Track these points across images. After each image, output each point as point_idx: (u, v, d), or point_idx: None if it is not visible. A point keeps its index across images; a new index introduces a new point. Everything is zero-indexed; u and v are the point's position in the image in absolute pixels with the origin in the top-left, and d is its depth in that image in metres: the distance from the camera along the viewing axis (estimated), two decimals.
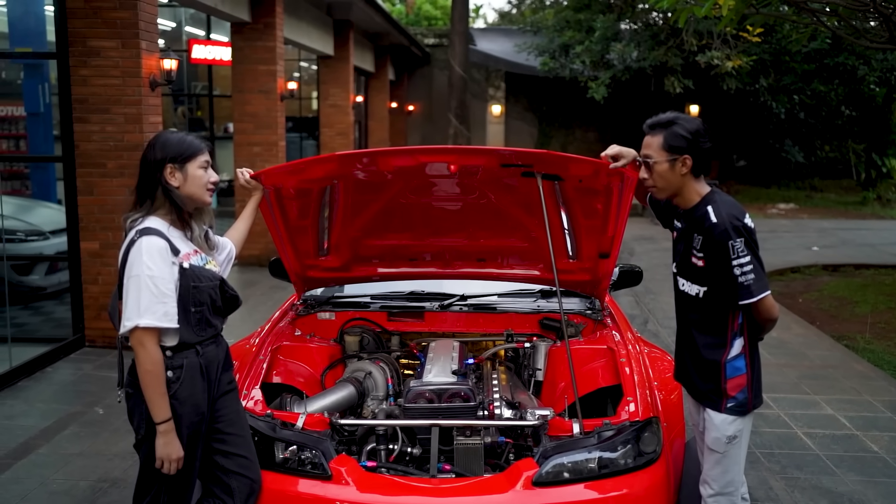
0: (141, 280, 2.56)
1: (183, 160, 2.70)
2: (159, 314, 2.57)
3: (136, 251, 2.59)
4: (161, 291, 2.58)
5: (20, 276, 7.40)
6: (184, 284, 2.65)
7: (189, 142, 2.74)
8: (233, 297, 2.84)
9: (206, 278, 2.73)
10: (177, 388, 2.66)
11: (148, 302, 2.56)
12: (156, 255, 2.59)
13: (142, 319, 2.55)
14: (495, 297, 4.39)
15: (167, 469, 2.67)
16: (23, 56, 8.11)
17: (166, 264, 2.61)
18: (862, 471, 4.46)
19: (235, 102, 10.46)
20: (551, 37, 18.93)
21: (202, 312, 2.72)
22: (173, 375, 2.66)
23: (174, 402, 2.66)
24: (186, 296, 2.66)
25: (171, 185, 2.69)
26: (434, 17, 34.33)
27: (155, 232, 2.63)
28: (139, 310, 2.55)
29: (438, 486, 2.92)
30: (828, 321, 8.18)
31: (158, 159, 2.69)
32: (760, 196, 20.13)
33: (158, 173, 2.68)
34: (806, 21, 8.61)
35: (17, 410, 5.24)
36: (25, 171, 10.21)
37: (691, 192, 2.92)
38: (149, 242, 2.59)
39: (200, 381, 2.73)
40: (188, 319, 2.67)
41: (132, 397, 2.72)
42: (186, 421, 2.69)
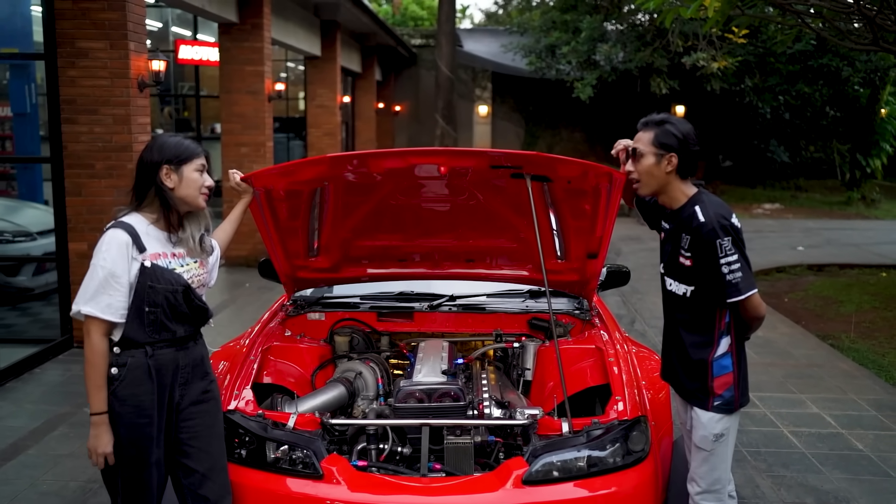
0: (95, 269, 2.62)
1: (179, 162, 2.73)
2: (102, 305, 2.60)
3: (101, 242, 2.66)
4: (109, 284, 2.61)
5: (7, 277, 7.38)
6: (141, 282, 2.65)
7: (186, 145, 2.77)
8: (200, 307, 2.79)
9: (166, 281, 2.69)
10: (117, 385, 2.66)
11: (94, 291, 2.60)
12: (114, 247, 2.62)
13: (86, 306, 2.60)
14: (484, 298, 4.42)
15: (94, 461, 2.69)
16: (10, 57, 8.08)
17: (123, 258, 2.62)
18: (847, 468, 4.52)
19: (223, 103, 10.45)
20: (538, 37, 18.99)
21: (156, 314, 2.68)
22: (117, 372, 2.66)
23: (113, 398, 2.66)
24: (142, 293, 2.65)
25: (165, 186, 2.71)
26: (420, 18, 34.37)
27: (123, 226, 2.66)
28: (86, 297, 2.61)
29: (429, 486, 2.95)
30: (813, 320, 8.26)
31: (155, 160, 2.71)
32: (746, 196, 20.27)
33: (154, 174, 2.71)
34: (791, 23, 8.69)
35: (5, 411, 5.23)
36: (12, 171, 10.17)
37: (677, 191, 2.96)
38: (112, 235, 2.64)
39: (147, 383, 2.69)
40: (140, 318, 2.66)
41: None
42: (126, 420, 2.67)
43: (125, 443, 2.68)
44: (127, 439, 2.68)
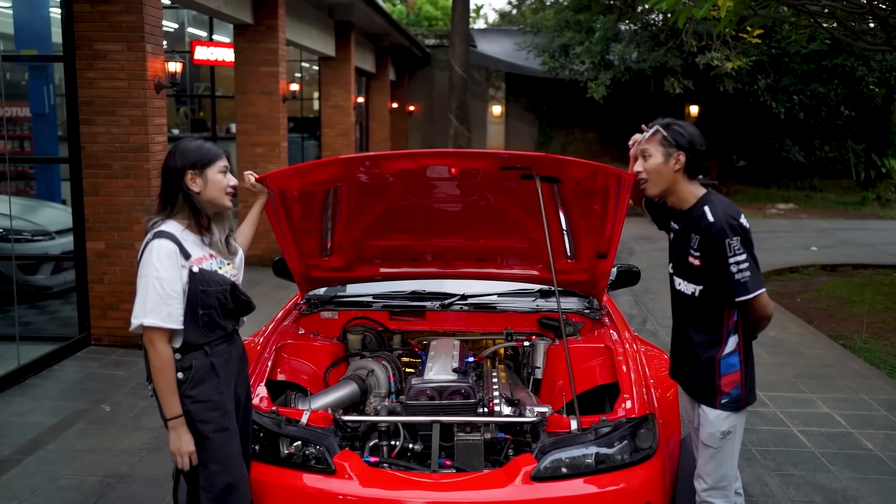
0: (148, 281, 2.67)
1: (202, 166, 2.80)
2: (163, 314, 2.67)
3: (147, 253, 2.71)
4: (167, 293, 2.67)
5: (26, 276, 7.47)
6: (192, 288, 2.74)
7: (207, 148, 2.84)
8: (245, 301, 2.92)
9: (216, 283, 2.80)
10: (186, 387, 2.75)
11: (153, 302, 2.66)
12: (164, 257, 2.69)
13: (147, 318, 2.66)
14: (495, 297, 4.47)
15: (180, 464, 2.76)
16: (29, 59, 8.19)
17: (175, 267, 2.70)
18: (856, 468, 4.54)
19: (238, 104, 10.54)
20: (551, 37, 19.00)
21: (210, 315, 2.79)
22: (183, 376, 2.75)
23: (186, 400, 2.75)
24: (194, 299, 2.74)
25: (192, 190, 2.78)
26: (434, 18, 34.40)
27: (167, 235, 2.73)
28: (145, 309, 2.66)
29: (439, 481, 3.00)
30: (825, 321, 8.26)
31: (179, 167, 2.78)
32: (760, 196, 20.20)
33: (179, 180, 2.78)
34: (804, 23, 8.69)
35: (25, 407, 5.32)
36: (31, 171, 10.30)
37: (685, 192, 3.01)
38: (159, 245, 2.70)
39: (213, 379, 2.80)
40: (196, 321, 2.75)
41: (154, 397, 2.82)
42: (200, 416, 2.76)
43: (210, 435, 2.77)
44: (211, 433, 2.77)
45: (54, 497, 4.11)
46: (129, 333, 6.38)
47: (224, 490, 2.81)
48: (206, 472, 2.79)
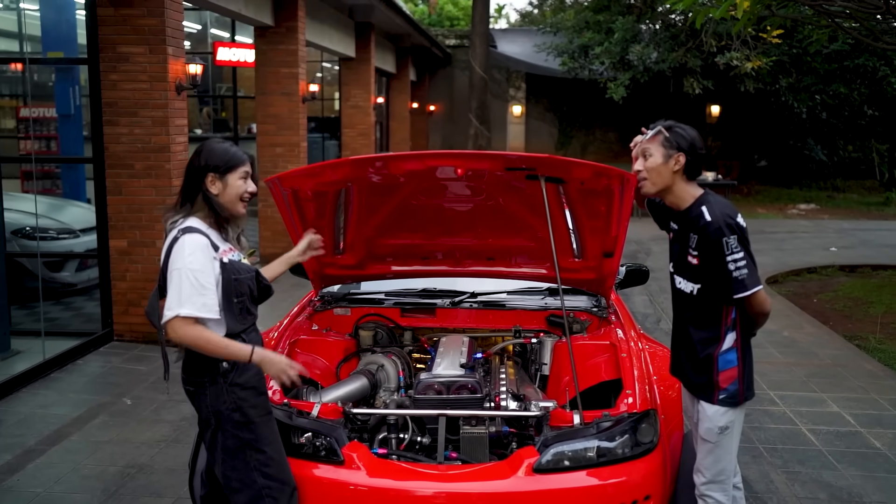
0: (182, 273, 2.71)
1: (224, 170, 2.85)
2: (198, 304, 2.71)
3: (180, 247, 2.75)
4: (201, 284, 2.72)
5: (52, 273, 7.67)
6: (225, 278, 2.81)
7: (232, 153, 2.88)
8: (266, 286, 3.01)
9: (245, 271, 2.89)
10: (233, 375, 2.83)
11: (188, 293, 2.70)
12: (198, 250, 2.74)
13: (182, 309, 2.69)
14: (504, 295, 4.55)
15: (290, 379, 2.86)
16: (55, 61, 8.39)
17: (207, 259, 2.76)
18: (863, 466, 4.58)
19: (258, 104, 10.70)
20: (571, 38, 19.02)
21: (243, 302, 2.88)
22: (228, 366, 2.82)
23: (234, 388, 2.83)
24: (228, 288, 2.81)
25: (210, 192, 2.85)
26: (456, 18, 34.51)
27: (196, 230, 2.79)
28: (180, 300, 2.70)
29: (444, 472, 3.10)
30: (841, 321, 8.25)
31: (202, 166, 2.84)
32: (781, 196, 20.09)
33: (201, 180, 2.84)
34: (823, 23, 8.69)
35: (50, 400, 5.48)
36: (57, 171, 10.52)
37: (684, 192, 3.08)
38: (192, 239, 2.75)
39: (253, 366, 2.88)
40: (231, 310, 2.83)
41: (194, 394, 2.88)
42: (250, 402, 2.86)
43: (258, 421, 2.87)
44: (258, 417, 2.87)
45: (77, 485, 4.26)
46: (150, 329, 6.56)
47: (277, 469, 2.91)
48: (261, 456, 2.87)
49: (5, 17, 10.65)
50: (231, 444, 2.87)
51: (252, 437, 2.87)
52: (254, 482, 2.88)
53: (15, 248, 7.26)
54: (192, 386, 2.88)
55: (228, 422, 2.85)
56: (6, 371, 5.73)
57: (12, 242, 7.25)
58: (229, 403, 2.83)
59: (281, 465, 2.94)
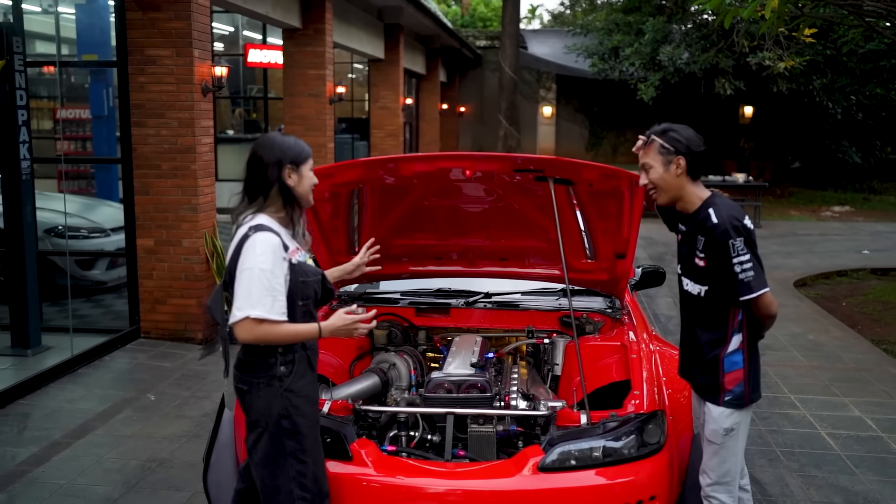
0: (253, 273, 2.68)
1: (299, 162, 2.84)
2: (268, 306, 2.67)
3: (251, 246, 2.71)
4: (272, 285, 2.68)
5: (83, 271, 7.84)
6: (293, 279, 2.76)
7: (302, 145, 2.88)
8: (330, 290, 2.98)
9: (312, 273, 2.85)
10: (290, 381, 2.80)
11: (259, 295, 2.66)
12: (269, 250, 2.70)
13: (253, 310, 2.66)
14: (518, 296, 4.57)
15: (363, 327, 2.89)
16: (84, 64, 8.58)
17: (278, 260, 2.72)
18: (882, 471, 4.53)
19: (286, 105, 10.83)
20: (601, 39, 18.96)
21: (308, 305, 2.83)
22: (286, 370, 2.79)
23: (289, 394, 2.78)
24: (295, 290, 2.77)
25: (288, 184, 2.81)
26: (488, 19, 34.54)
27: (268, 229, 2.75)
28: (251, 301, 2.66)
29: (451, 470, 3.13)
30: (869, 325, 8.14)
31: (277, 159, 2.80)
32: (815, 198, 19.82)
33: (278, 173, 2.80)
34: (854, 23, 8.58)
35: (77, 395, 5.62)
36: (90, 171, 10.76)
37: (691, 195, 3.08)
38: (263, 238, 2.71)
39: (310, 373, 2.88)
40: (295, 312, 2.78)
41: (246, 393, 2.83)
42: (301, 411, 2.82)
43: (305, 431, 2.83)
44: (306, 427, 2.84)
45: (99, 478, 4.37)
46: (176, 327, 6.70)
47: (314, 482, 2.88)
48: (301, 467, 2.84)
49: (43, 20, 10.90)
50: (274, 450, 2.83)
51: (297, 447, 2.83)
52: (290, 492, 2.84)
53: (47, 247, 7.44)
54: (246, 385, 2.83)
55: (276, 428, 2.80)
56: (36, 366, 5.88)
57: (45, 241, 7.43)
58: (281, 409, 2.79)
59: (319, 478, 2.90)
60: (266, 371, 2.80)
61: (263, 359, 2.80)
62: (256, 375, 2.81)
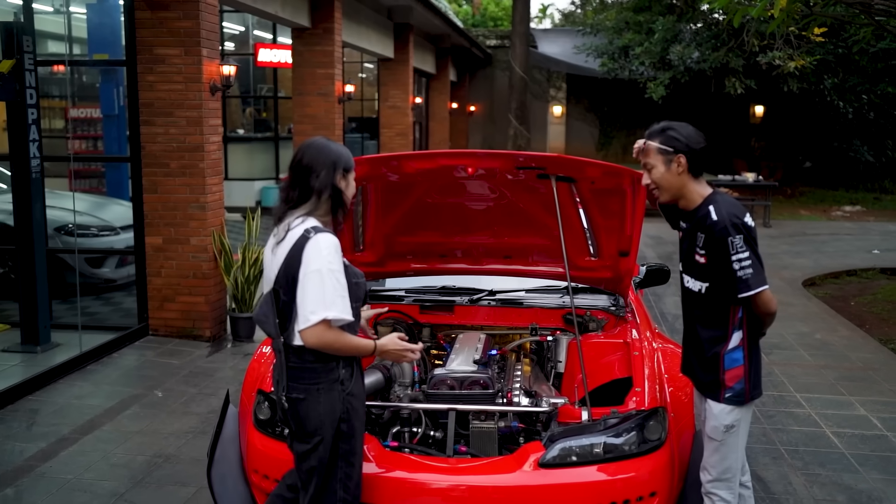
0: (324, 274, 2.64)
1: (350, 168, 2.86)
2: (341, 307, 2.66)
3: (315, 247, 2.67)
4: (342, 285, 2.68)
5: (93, 269, 7.90)
6: (348, 281, 2.75)
7: (349, 154, 2.89)
8: (367, 293, 3.02)
9: (359, 275, 2.87)
10: (350, 385, 2.79)
11: (332, 295, 2.64)
12: (334, 250, 2.69)
13: (329, 312, 2.63)
14: (522, 293, 4.58)
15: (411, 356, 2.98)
16: (94, 63, 8.64)
17: (340, 260, 2.71)
18: (886, 469, 4.52)
19: (295, 104, 10.88)
20: (611, 38, 18.93)
21: (357, 308, 2.84)
22: (346, 373, 2.78)
23: (350, 398, 2.77)
24: (349, 292, 2.75)
25: (341, 188, 2.82)
26: (499, 18, 34.54)
27: (327, 230, 2.74)
28: (325, 303, 2.63)
29: (452, 465, 3.16)
30: (878, 324, 8.11)
31: (332, 163, 2.79)
32: (826, 198, 19.73)
33: (332, 178, 2.79)
34: (864, 21, 8.55)
35: (85, 391, 5.67)
36: (101, 170, 10.84)
37: (693, 193, 3.09)
38: (326, 239, 2.69)
39: (361, 377, 2.90)
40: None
41: (303, 402, 2.76)
42: (359, 413, 2.83)
43: (358, 434, 2.85)
44: (359, 431, 2.87)
45: (106, 473, 4.41)
46: (184, 324, 6.75)
47: (356, 487, 2.90)
48: (349, 470, 2.84)
49: (55, 20, 10.99)
50: (330, 455, 2.81)
51: (348, 449, 2.83)
52: (334, 492, 2.84)
53: (57, 245, 7.50)
54: (303, 394, 2.76)
55: (336, 432, 2.79)
56: (45, 363, 5.93)
57: (55, 239, 7.49)
58: (342, 413, 2.78)
59: (359, 482, 2.92)
60: (327, 375, 2.76)
61: (325, 364, 2.76)
62: (316, 382, 2.76)
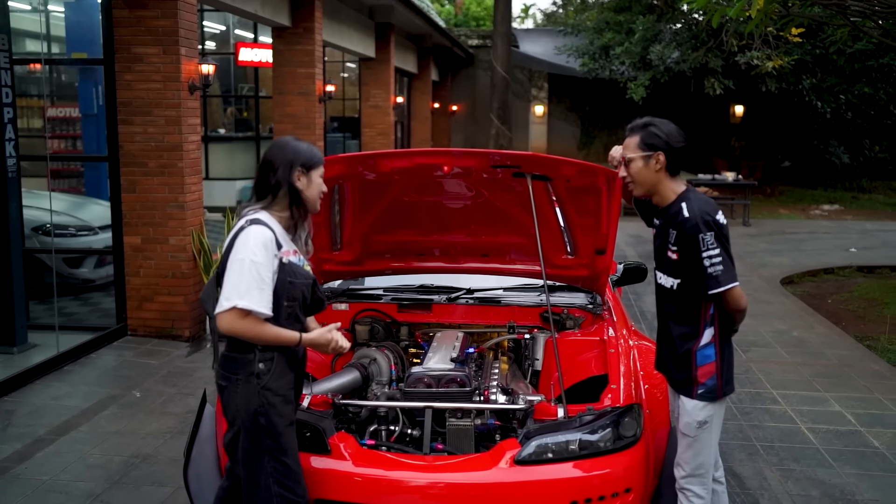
0: (244, 264, 2.72)
1: (310, 167, 2.88)
2: (256, 298, 2.72)
3: (244, 237, 2.76)
4: (261, 278, 2.73)
5: (71, 269, 7.84)
6: (281, 278, 2.79)
7: (315, 152, 2.92)
8: (320, 298, 3.01)
9: (302, 276, 2.88)
10: (267, 379, 2.82)
11: (248, 286, 2.71)
12: (262, 243, 2.75)
13: (241, 301, 2.70)
14: (500, 291, 4.60)
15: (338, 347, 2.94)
16: (71, 62, 8.58)
17: (269, 255, 2.76)
18: (859, 464, 4.57)
19: (275, 104, 10.84)
20: (591, 38, 19.01)
21: (293, 308, 2.86)
22: (265, 367, 2.82)
23: (267, 392, 2.81)
24: (282, 289, 2.80)
25: (297, 187, 2.86)
26: (481, 18, 34.59)
27: (264, 223, 2.80)
28: (239, 291, 2.71)
29: (428, 463, 3.17)
30: (854, 322, 8.20)
31: (290, 161, 2.85)
32: (805, 197, 19.89)
33: (288, 175, 2.84)
34: (839, 22, 8.64)
35: (62, 392, 5.63)
36: (80, 169, 10.75)
37: (667, 189, 3.12)
38: (257, 231, 2.77)
39: (289, 373, 2.90)
40: (280, 313, 2.82)
41: (224, 389, 2.87)
42: (278, 410, 2.83)
43: (281, 430, 2.85)
44: (282, 426, 2.86)
45: (82, 474, 4.38)
46: (163, 325, 6.71)
47: (293, 481, 2.91)
48: (279, 465, 2.86)
49: (33, 18, 10.90)
50: (252, 447, 2.86)
51: (273, 445, 2.85)
52: (268, 487, 2.87)
53: (35, 245, 7.44)
54: (225, 381, 2.87)
55: (253, 424, 2.83)
56: (21, 363, 5.89)
57: (32, 239, 7.43)
58: (257, 406, 2.81)
59: (297, 476, 2.93)
60: (245, 367, 2.83)
61: (243, 354, 2.83)
62: (235, 371, 2.84)
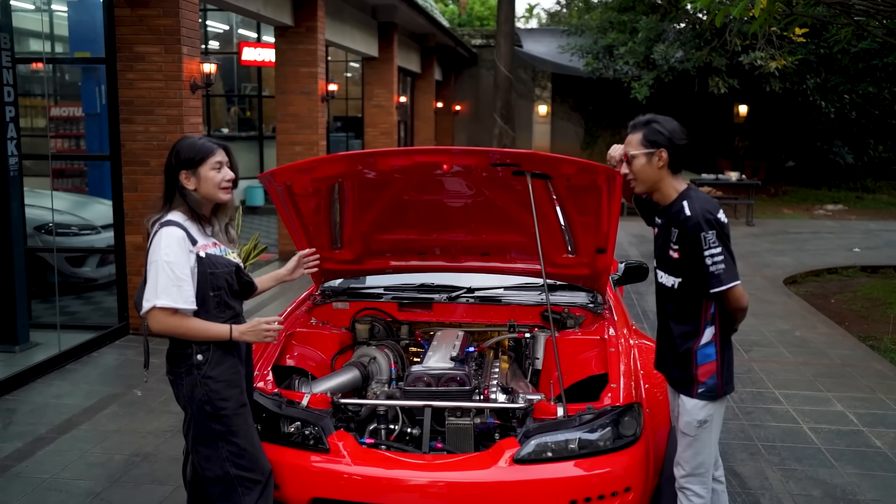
0: (158, 265, 2.81)
1: (195, 164, 2.91)
2: (174, 295, 2.80)
3: (157, 240, 2.85)
4: (177, 276, 2.80)
5: (73, 268, 7.85)
6: (201, 271, 2.88)
7: (199, 147, 2.93)
8: (248, 282, 3.07)
9: (222, 265, 2.95)
10: (206, 369, 2.89)
11: (164, 284, 2.79)
12: (173, 242, 2.82)
13: (158, 300, 2.79)
14: (501, 290, 4.59)
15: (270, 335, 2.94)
16: (73, 61, 8.58)
17: (183, 251, 2.83)
18: (860, 464, 4.56)
19: (278, 103, 10.84)
20: (595, 38, 18.98)
21: (220, 296, 2.94)
22: (203, 358, 2.89)
23: (207, 381, 2.89)
24: (204, 281, 2.88)
25: (187, 188, 2.92)
26: (485, 18, 34.58)
27: (174, 223, 2.87)
28: (157, 292, 2.80)
29: (428, 462, 3.16)
30: (857, 322, 8.18)
31: (174, 165, 2.92)
32: (809, 197, 19.85)
33: (175, 178, 2.92)
34: (843, 21, 8.62)
35: (63, 390, 5.64)
36: (84, 168, 10.76)
37: (669, 187, 3.11)
38: (167, 232, 2.84)
39: (230, 358, 2.96)
40: (207, 303, 2.90)
41: (173, 383, 2.98)
42: (221, 395, 2.91)
43: (229, 413, 2.92)
44: (230, 410, 2.92)
45: (82, 472, 4.39)
46: None
47: (250, 461, 2.96)
48: (232, 448, 2.93)
49: (35, 18, 10.90)
50: (203, 434, 2.94)
51: (223, 429, 2.92)
52: (227, 472, 2.94)
53: (37, 244, 7.45)
54: (172, 375, 2.97)
55: (200, 413, 2.91)
56: (23, 362, 5.90)
57: (35, 238, 7.44)
58: (201, 395, 2.89)
59: (254, 456, 2.99)
60: (186, 361, 2.91)
61: (182, 349, 2.92)
62: (179, 366, 2.93)
